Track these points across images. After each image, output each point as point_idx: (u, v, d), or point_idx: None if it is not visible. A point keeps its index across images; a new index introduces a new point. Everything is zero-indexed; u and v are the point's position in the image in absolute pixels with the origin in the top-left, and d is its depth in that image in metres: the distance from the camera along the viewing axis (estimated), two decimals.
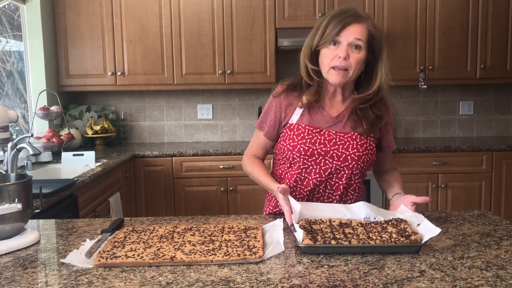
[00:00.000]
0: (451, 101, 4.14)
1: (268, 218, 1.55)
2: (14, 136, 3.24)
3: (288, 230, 1.39)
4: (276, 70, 3.79)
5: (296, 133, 1.58)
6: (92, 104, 4.09)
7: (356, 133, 1.58)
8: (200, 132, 4.15)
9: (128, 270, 1.11)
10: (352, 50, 1.49)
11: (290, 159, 1.60)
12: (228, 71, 3.71)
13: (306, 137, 1.56)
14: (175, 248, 1.22)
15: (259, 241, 1.26)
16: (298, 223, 1.34)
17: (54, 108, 3.37)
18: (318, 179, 1.58)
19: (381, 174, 1.76)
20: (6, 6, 3.57)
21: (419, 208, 1.52)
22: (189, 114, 4.13)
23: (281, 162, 1.65)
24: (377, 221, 1.38)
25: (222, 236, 1.32)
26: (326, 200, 1.61)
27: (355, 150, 1.56)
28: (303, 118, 1.59)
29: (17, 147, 2.33)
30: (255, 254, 1.16)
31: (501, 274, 1.06)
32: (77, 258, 1.18)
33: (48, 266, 1.17)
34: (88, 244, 1.29)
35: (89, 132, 3.81)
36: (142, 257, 1.16)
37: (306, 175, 1.59)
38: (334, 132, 1.57)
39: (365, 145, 1.58)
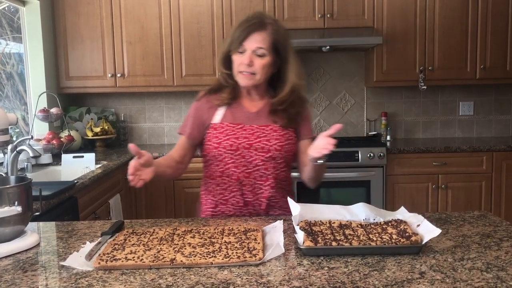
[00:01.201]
0: (451, 102, 4.14)
1: (268, 220, 1.55)
2: (14, 138, 3.24)
3: (288, 232, 1.39)
4: None
5: (220, 131, 1.67)
6: (92, 106, 4.09)
7: (277, 125, 1.67)
8: None
9: (128, 273, 1.11)
10: (255, 57, 1.61)
11: (217, 156, 1.67)
12: None
13: (230, 133, 1.65)
14: (175, 251, 1.22)
15: (259, 243, 1.26)
16: (298, 224, 1.34)
17: (54, 110, 3.37)
18: (246, 171, 1.65)
19: (304, 165, 1.73)
20: (6, 8, 3.58)
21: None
22: None
23: (210, 162, 1.71)
24: (377, 222, 1.38)
25: (222, 238, 1.32)
26: (257, 192, 1.67)
27: (277, 141, 1.65)
28: (225, 117, 1.69)
29: (17, 149, 2.33)
30: (255, 256, 1.16)
31: (502, 276, 1.06)
32: (77, 260, 1.18)
33: (48, 269, 1.17)
34: (88, 246, 1.29)
35: (89, 134, 3.81)
36: (142, 259, 1.16)
37: (234, 169, 1.66)
38: (256, 126, 1.67)
39: (286, 136, 1.67)
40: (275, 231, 1.38)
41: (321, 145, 1.43)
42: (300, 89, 1.71)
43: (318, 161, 1.48)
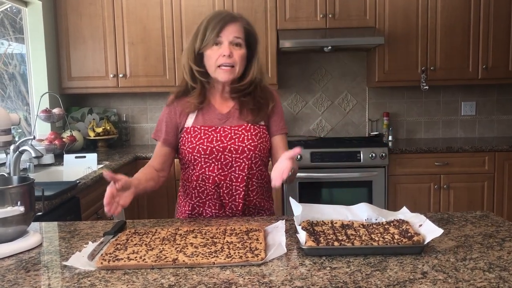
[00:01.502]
0: (453, 102, 4.14)
1: (270, 220, 1.55)
2: (16, 139, 3.25)
3: (290, 232, 1.39)
4: (278, 71, 3.80)
5: (193, 135, 1.65)
6: (94, 106, 4.10)
7: (249, 124, 1.66)
8: None
9: (130, 273, 1.11)
10: (234, 48, 1.60)
11: (192, 161, 1.66)
12: None
13: (203, 137, 1.64)
14: (177, 251, 1.22)
15: (261, 243, 1.26)
16: (300, 224, 1.34)
17: (56, 111, 3.38)
18: (222, 173, 1.65)
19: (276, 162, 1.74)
20: (8, 9, 3.58)
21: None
22: None
23: (186, 166, 1.71)
24: (378, 222, 1.38)
25: (224, 238, 1.32)
26: (234, 193, 1.66)
27: (251, 141, 1.64)
28: (197, 120, 1.67)
29: (20, 149, 2.34)
30: (257, 256, 1.16)
31: (504, 276, 1.05)
32: (80, 260, 1.18)
33: (50, 268, 1.17)
34: (91, 246, 1.29)
35: (91, 134, 3.81)
36: (144, 259, 1.16)
37: (209, 173, 1.65)
38: (228, 127, 1.66)
39: (259, 134, 1.67)
40: (277, 231, 1.38)
41: (279, 170, 1.40)
42: (265, 83, 1.72)
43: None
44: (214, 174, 1.65)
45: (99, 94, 4.05)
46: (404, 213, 1.43)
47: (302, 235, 1.24)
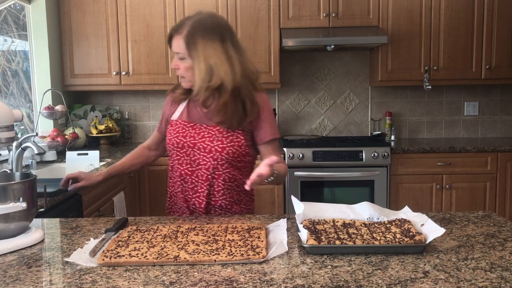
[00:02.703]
0: (456, 102, 4.13)
1: (272, 218, 1.55)
2: (19, 135, 3.26)
3: (291, 230, 1.40)
4: (281, 70, 3.79)
5: (173, 128, 1.74)
6: (96, 103, 4.10)
7: (224, 127, 1.67)
8: None
9: (132, 269, 1.12)
10: (179, 61, 1.65)
11: (169, 151, 1.77)
12: None
13: (180, 131, 1.71)
14: (179, 248, 1.22)
15: (262, 241, 1.26)
16: (301, 223, 1.34)
17: (59, 108, 3.38)
18: (189, 169, 1.71)
19: None
20: (12, 6, 3.59)
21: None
22: None
23: (169, 155, 1.80)
24: (380, 221, 1.38)
25: (226, 236, 1.32)
26: (198, 190, 1.71)
27: (219, 143, 1.66)
28: (182, 114, 1.75)
29: (22, 146, 2.34)
30: (259, 254, 1.16)
31: (506, 276, 1.05)
32: (81, 257, 1.19)
33: (52, 265, 1.17)
34: (92, 243, 1.29)
35: (94, 132, 3.82)
36: (146, 256, 1.16)
37: (178, 166, 1.74)
38: (205, 126, 1.69)
39: (230, 138, 1.67)
40: (278, 229, 1.38)
41: (253, 174, 1.41)
42: (254, 91, 1.66)
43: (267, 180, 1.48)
44: (181, 168, 1.72)
45: (101, 92, 4.05)
46: (406, 213, 1.43)
47: (303, 234, 1.25)
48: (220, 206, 1.71)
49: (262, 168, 1.41)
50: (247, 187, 1.42)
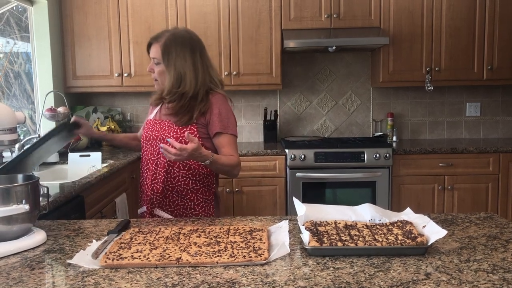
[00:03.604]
0: (458, 103, 4.13)
1: (273, 220, 1.55)
2: (21, 137, 3.26)
3: (293, 232, 1.40)
4: (282, 71, 3.80)
5: (147, 126, 2.02)
6: (98, 105, 4.11)
7: (173, 121, 1.92)
8: None
9: (134, 271, 1.12)
10: (154, 65, 1.94)
11: (142, 145, 2.03)
12: (234, 73, 3.72)
13: (151, 127, 1.99)
14: (181, 250, 1.22)
15: (264, 243, 1.27)
16: (303, 225, 1.34)
17: (61, 109, 3.39)
18: (152, 158, 1.96)
19: None
20: (14, 8, 3.60)
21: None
22: None
23: (142, 148, 2.06)
24: (382, 223, 1.38)
25: (228, 237, 1.32)
26: (157, 176, 1.93)
27: (174, 133, 1.90)
28: (156, 114, 2.03)
29: (24, 148, 2.35)
30: (261, 256, 1.17)
31: (508, 277, 1.05)
32: (84, 259, 1.19)
33: (55, 266, 1.18)
34: (95, 245, 1.30)
35: None
36: (148, 258, 1.17)
37: (145, 156, 2.01)
38: (167, 121, 1.94)
39: (184, 129, 1.89)
40: (280, 231, 1.39)
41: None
42: (210, 91, 1.93)
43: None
44: (147, 158, 1.98)
45: (103, 93, 4.06)
46: (407, 214, 1.43)
47: (305, 235, 1.25)
48: (178, 192, 1.92)
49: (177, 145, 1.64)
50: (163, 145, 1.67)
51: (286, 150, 3.51)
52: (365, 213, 1.44)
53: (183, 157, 1.67)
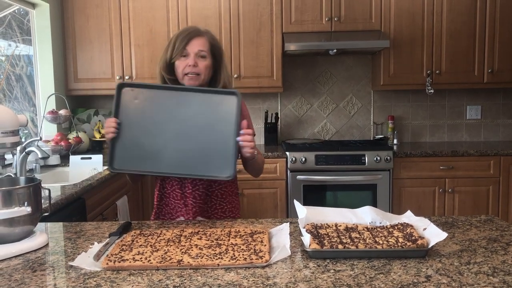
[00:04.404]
0: (458, 106, 4.13)
1: (274, 223, 1.56)
2: (23, 140, 3.27)
3: (294, 234, 1.40)
4: (283, 74, 3.81)
5: None
6: (100, 107, 4.12)
7: None
8: None
9: (136, 274, 1.12)
10: (199, 59, 1.77)
11: None
12: (235, 75, 3.73)
13: None
14: (182, 252, 1.23)
15: (265, 245, 1.27)
16: (304, 227, 1.35)
17: (62, 112, 3.40)
18: None
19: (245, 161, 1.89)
20: (16, 11, 3.61)
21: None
22: None
23: None
24: (383, 226, 1.38)
25: (229, 240, 1.33)
26: (198, 183, 1.77)
27: None
28: None
29: (26, 150, 2.35)
30: (262, 258, 1.17)
31: (508, 280, 1.05)
32: (85, 261, 1.19)
33: (56, 269, 1.18)
34: (96, 247, 1.30)
35: (97, 136, 3.83)
36: (150, 260, 1.17)
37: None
38: None
39: None
40: (281, 233, 1.39)
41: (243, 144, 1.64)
42: (231, 87, 1.84)
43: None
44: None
45: (105, 96, 4.07)
46: (408, 217, 1.44)
47: (306, 238, 1.25)
48: (216, 196, 1.82)
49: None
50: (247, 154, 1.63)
51: (287, 153, 3.51)
52: (365, 215, 1.44)
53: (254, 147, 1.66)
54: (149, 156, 1.64)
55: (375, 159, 3.46)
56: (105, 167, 2.98)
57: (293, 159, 3.48)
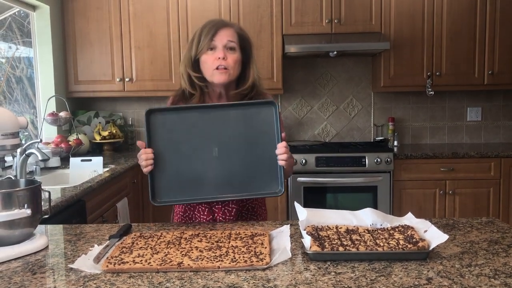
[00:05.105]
0: (459, 107, 4.13)
1: (275, 225, 1.55)
2: (23, 142, 3.27)
3: (295, 236, 1.40)
4: (283, 76, 3.81)
5: None
6: (100, 110, 4.12)
7: None
8: None
9: (136, 276, 1.12)
10: (228, 52, 1.63)
11: None
12: None
13: None
14: (182, 254, 1.22)
15: (266, 247, 1.27)
16: (305, 229, 1.34)
17: (62, 114, 3.40)
18: None
19: None
20: (16, 13, 3.62)
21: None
22: None
23: None
24: (383, 228, 1.38)
25: (229, 242, 1.32)
26: None
27: None
28: None
29: (26, 152, 2.35)
30: (262, 261, 1.17)
31: (509, 282, 1.05)
32: (85, 263, 1.19)
33: (56, 271, 1.18)
34: (96, 249, 1.30)
35: (97, 138, 3.83)
36: (150, 263, 1.17)
37: None
38: None
39: None
40: (282, 235, 1.38)
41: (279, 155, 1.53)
42: (262, 88, 1.75)
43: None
44: None
45: (105, 98, 4.07)
46: (409, 219, 1.43)
47: (307, 240, 1.25)
48: (247, 210, 1.74)
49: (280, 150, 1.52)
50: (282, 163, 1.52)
51: None
52: (366, 217, 1.44)
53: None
54: (192, 182, 1.54)
55: (375, 161, 3.46)
56: (106, 169, 2.98)
57: (294, 161, 3.47)
